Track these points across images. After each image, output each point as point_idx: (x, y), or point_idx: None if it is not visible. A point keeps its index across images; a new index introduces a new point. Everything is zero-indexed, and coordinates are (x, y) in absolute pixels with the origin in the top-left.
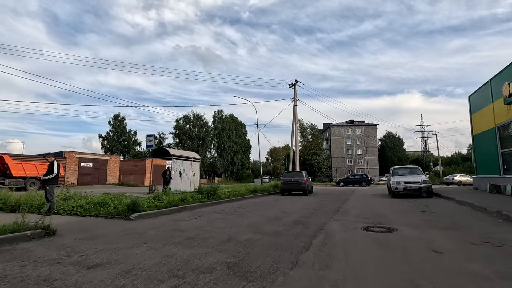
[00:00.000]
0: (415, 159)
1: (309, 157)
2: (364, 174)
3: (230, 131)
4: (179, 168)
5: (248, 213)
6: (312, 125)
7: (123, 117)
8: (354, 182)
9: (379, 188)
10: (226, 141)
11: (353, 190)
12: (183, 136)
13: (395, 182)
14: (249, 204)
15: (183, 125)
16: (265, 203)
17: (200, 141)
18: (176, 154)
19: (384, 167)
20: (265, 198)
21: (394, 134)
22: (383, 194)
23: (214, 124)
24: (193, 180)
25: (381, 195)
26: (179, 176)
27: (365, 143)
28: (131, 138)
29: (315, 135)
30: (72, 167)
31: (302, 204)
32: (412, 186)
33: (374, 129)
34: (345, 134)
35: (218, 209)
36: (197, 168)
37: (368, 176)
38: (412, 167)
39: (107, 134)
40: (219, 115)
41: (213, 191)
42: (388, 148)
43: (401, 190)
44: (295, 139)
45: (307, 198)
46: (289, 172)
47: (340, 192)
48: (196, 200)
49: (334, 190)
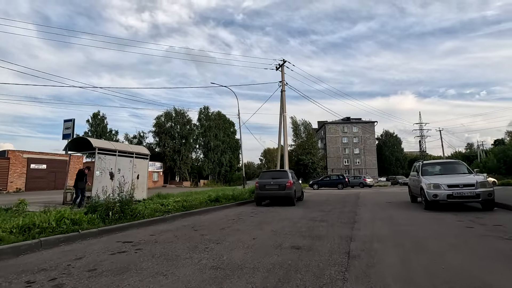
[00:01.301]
0: (413, 158)
1: (303, 157)
2: (341, 175)
3: (217, 129)
4: (109, 167)
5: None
6: (306, 123)
7: (103, 116)
8: (330, 184)
9: (382, 192)
10: (213, 140)
11: (356, 194)
12: (163, 134)
13: (432, 186)
14: (170, 237)
15: (164, 122)
16: (209, 228)
17: (183, 140)
18: (103, 147)
19: (382, 167)
20: (224, 213)
21: (392, 133)
22: (404, 203)
23: (200, 122)
24: (137, 185)
25: (402, 204)
26: (110, 179)
27: (362, 141)
28: (112, 138)
29: (309, 133)
30: (18, 170)
31: (278, 229)
32: (463, 191)
33: (372, 126)
34: (341, 132)
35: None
36: (144, 168)
37: (345, 177)
38: (453, 161)
39: (85, 134)
40: (205, 112)
41: (119, 208)
42: (386, 148)
43: (443, 199)
44: (283, 131)
45: (293, 211)
46: (268, 172)
47: (339, 199)
48: (68, 226)
49: (330, 195)
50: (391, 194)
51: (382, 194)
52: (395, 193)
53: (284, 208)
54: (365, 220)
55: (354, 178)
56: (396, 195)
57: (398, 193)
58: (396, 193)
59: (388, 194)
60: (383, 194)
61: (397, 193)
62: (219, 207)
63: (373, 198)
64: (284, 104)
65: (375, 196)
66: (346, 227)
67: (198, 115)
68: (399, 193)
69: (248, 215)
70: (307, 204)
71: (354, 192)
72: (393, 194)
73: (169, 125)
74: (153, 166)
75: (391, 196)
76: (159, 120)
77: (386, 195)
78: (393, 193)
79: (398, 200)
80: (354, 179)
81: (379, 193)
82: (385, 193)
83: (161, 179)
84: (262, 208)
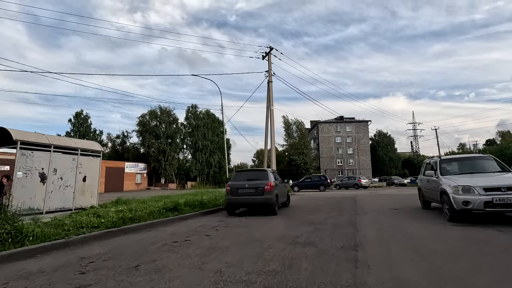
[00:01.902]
0: (406, 159)
1: (295, 157)
2: (323, 176)
3: (205, 128)
4: (40, 166)
5: None
6: (298, 122)
7: (86, 115)
8: (311, 186)
9: (381, 195)
10: (201, 140)
11: (351, 197)
12: (147, 133)
13: (461, 190)
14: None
15: (149, 121)
16: (112, 267)
17: (169, 140)
18: (29, 141)
19: (375, 167)
20: (175, 229)
21: (385, 133)
22: (414, 210)
23: (188, 121)
24: (82, 189)
25: (412, 211)
26: (41, 182)
27: (356, 141)
28: (96, 138)
29: (302, 133)
30: None
31: (230, 268)
32: (508, 197)
33: (366, 125)
34: (334, 131)
35: None
36: (94, 168)
37: (327, 177)
38: (480, 156)
39: (67, 134)
40: (193, 111)
41: None
42: (380, 148)
43: (478, 208)
44: (270, 127)
45: (272, 225)
46: (243, 172)
47: (332, 204)
48: None
49: (321, 199)
50: (392, 197)
51: (381, 197)
52: (395, 196)
53: (261, 220)
54: (373, 242)
55: (348, 179)
56: (398, 198)
57: (399, 196)
58: (397, 196)
59: (389, 197)
60: (383, 197)
61: (398, 196)
62: (175, 219)
63: (372, 202)
64: (271, 96)
65: (375, 200)
66: (344, 260)
67: (185, 114)
68: (401, 196)
69: (205, 232)
70: (293, 212)
71: (349, 195)
72: (394, 197)
73: (154, 124)
74: (136, 167)
75: (393, 200)
76: (143, 119)
77: (386, 198)
78: (394, 196)
79: (405, 205)
80: (348, 179)
81: (377, 196)
82: (384, 196)
83: (145, 181)
84: (232, 220)
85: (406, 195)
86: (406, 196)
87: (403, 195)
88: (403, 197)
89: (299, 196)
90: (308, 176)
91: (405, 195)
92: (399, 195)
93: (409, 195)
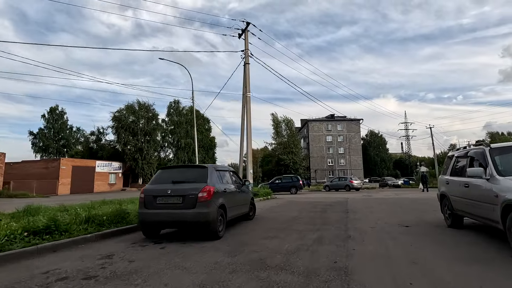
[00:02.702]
0: (397, 159)
1: (284, 156)
2: (295, 177)
3: (189, 125)
4: None
5: None
6: (287, 119)
7: (62, 111)
8: (281, 189)
9: (379, 200)
10: (184, 138)
11: (341, 203)
12: (122, 129)
13: None
14: None
15: (125, 116)
16: None
17: (147, 137)
18: None
19: (367, 168)
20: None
21: (377, 133)
22: (438, 229)
23: (170, 117)
24: None
25: (437, 231)
26: None
27: (347, 140)
28: (72, 135)
29: (291, 131)
30: None
31: None
32: None
33: (357, 124)
34: (325, 130)
35: None
36: None
37: (299, 179)
38: None
39: (40, 131)
40: (175, 106)
41: None
42: (371, 148)
43: None
44: (246, 118)
45: (198, 261)
46: (167, 170)
47: (315, 215)
48: None
49: (301, 204)
50: (393, 203)
51: (379, 204)
52: (395, 201)
53: (187, 250)
54: None
55: (339, 180)
56: (401, 205)
57: (401, 202)
58: (398, 202)
59: (388, 203)
60: (381, 203)
61: (399, 201)
62: (43, 248)
63: (371, 212)
64: (248, 81)
65: (373, 209)
66: None
67: (167, 110)
68: (404, 202)
69: None
70: (251, 231)
71: (339, 199)
72: (395, 203)
73: (131, 120)
74: (109, 167)
75: (396, 208)
76: (120, 114)
77: (386, 205)
78: (395, 202)
79: (418, 219)
80: (339, 180)
81: (373, 201)
82: (382, 202)
83: (119, 182)
84: (139, 252)
85: (410, 201)
86: (410, 201)
87: (406, 200)
88: (407, 203)
89: (276, 202)
90: (278, 177)
91: (408, 200)
92: (400, 200)
93: (414, 201)
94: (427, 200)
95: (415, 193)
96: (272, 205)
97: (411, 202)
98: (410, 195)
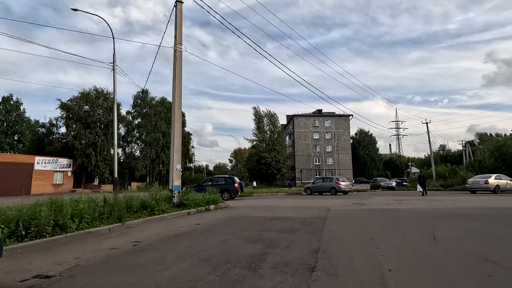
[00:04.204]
0: (387, 160)
1: (265, 154)
2: (230, 177)
3: (158, 118)
4: None
5: None
6: (270, 114)
7: (18, 101)
8: None
9: (376, 213)
10: (151, 132)
11: (315, 229)
12: (71, 120)
13: None
14: None
15: (79, 105)
16: None
17: (105, 130)
18: None
19: (356, 168)
20: None
21: (367, 132)
22: None
23: (136, 109)
24: None
25: None
26: None
27: (336, 138)
28: (30, 128)
29: (274, 125)
30: None
31: None
32: None
33: (346, 120)
34: (312, 126)
35: None
36: None
37: (235, 180)
38: None
39: None
40: (143, 97)
41: None
42: (361, 147)
43: None
44: (176, 75)
45: None
46: None
47: (231, 274)
48: None
49: (233, 224)
50: (419, 227)
51: (389, 228)
52: (412, 216)
53: None
54: None
55: (323, 181)
56: (447, 237)
57: (427, 221)
58: (424, 220)
59: (412, 230)
60: (392, 225)
61: (421, 217)
62: None
63: (379, 277)
64: (179, 27)
65: (380, 251)
66: None
67: (133, 100)
68: (438, 222)
69: None
70: None
71: (314, 214)
72: (424, 227)
73: (85, 110)
74: (55, 164)
75: (438, 248)
76: (72, 103)
77: (405, 231)
78: (420, 223)
79: None
80: (323, 181)
81: (372, 218)
82: (390, 219)
83: (69, 182)
84: None
85: (445, 216)
86: (449, 221)
87: (436, 217)
88: (441, 224)
89: (208, 218)
90: (208, 178)
91: (438, 215)
92: (426, 218)
93: (452, 216)
94: (478, 214)
95: (423, 199)
96: (193, 227)
97: (442, 223)
98: (425, 204)
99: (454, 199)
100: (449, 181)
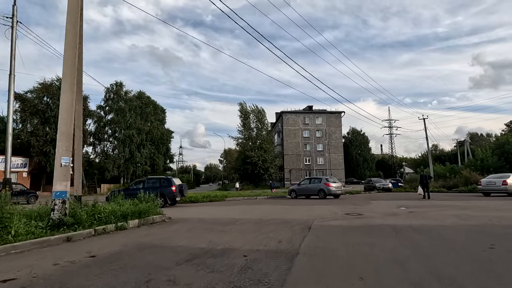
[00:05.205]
0: (379, 160)
1: (251, 153)
2: (165, 179)
3: (134, 114)
4: None
5: None
6: (257, 110)
7: None
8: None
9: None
10: (124, 129)
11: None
12: (27, 113)
13: None
14: None
15: (39, 97)
16: None
17: None
18: None
19: (348, 168)
20: None
21: (359, 131)
22: None
23: (108, 103)
24: None
25: None
26: None
27: (327, 136)
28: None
29: (261, 122)
30: None
31: None
32: None
33: (338, 117)
34: (302, 124)
35: None
36: None
37: (172, 182)
38: None
39: None
40: (116, 89)
41: None
42: (353, 147)
43: None
44: (68, 58)
45: None
46: None
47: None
48: None
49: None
50: (450, 264)
51: (414, 283)
52: (435, 238)
53: None
54: None
55: (310, 182)
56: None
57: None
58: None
59: (447, 274)
60: (410, 264)
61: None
62: None
63: None
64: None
65: None
66: None
67: (105, 94)
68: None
69: None
70: None
71: (286, 235)
72: (455, 259)
73: (44, 103)
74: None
75: None
76: (32, 94)
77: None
78: (446, 249)
79: None
80: (310, 182)
81: (376, 244)
82: (407, 251)
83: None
84: None
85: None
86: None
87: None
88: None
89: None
90: (139, 180)
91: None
92: (474, 249)
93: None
94: None
95: (436, 206)
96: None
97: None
98: (453, 218)
99: (475, 205)
100: (450, 182)
